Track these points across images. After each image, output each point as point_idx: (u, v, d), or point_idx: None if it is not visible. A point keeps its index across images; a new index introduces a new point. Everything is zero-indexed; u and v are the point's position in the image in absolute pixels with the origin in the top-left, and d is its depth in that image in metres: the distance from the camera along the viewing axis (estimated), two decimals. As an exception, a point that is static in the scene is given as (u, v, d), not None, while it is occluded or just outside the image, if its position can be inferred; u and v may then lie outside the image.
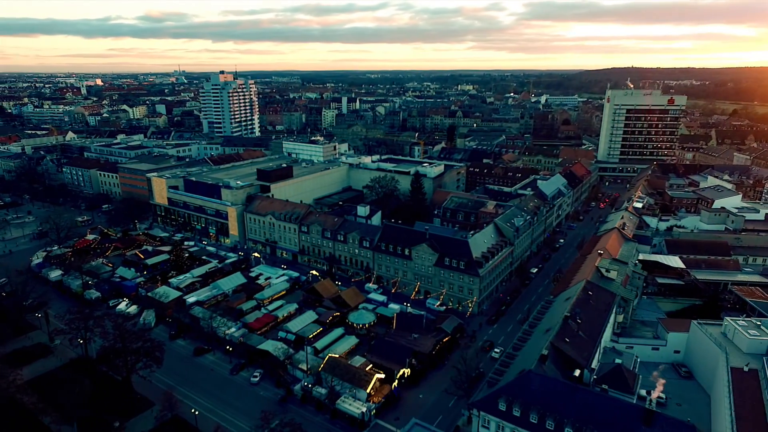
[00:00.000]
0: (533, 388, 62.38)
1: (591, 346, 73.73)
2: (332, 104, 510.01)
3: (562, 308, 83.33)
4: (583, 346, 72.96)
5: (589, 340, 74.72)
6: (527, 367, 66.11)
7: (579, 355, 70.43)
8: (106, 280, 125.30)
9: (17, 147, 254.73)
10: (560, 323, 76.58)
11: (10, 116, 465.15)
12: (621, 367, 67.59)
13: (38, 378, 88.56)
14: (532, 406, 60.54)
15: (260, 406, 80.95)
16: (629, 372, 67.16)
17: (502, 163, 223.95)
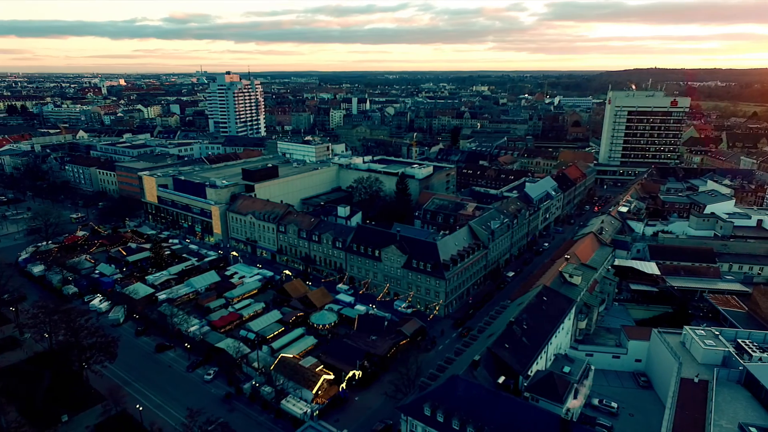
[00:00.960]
0: (458, 394, 61.56)
1: (532, 352, 72.32)
2: (342, 105, 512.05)
3: (513, 313, 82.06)
4: (523, 352, 71.65)
5: (532, 347, 73.31)
6: (460, 373, 65.31)
7: (516, 362, 69.22)
8: (85, 276, 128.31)
9: (27, 145, 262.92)
10: (503, 328, 75.48)
11: (31, 115, 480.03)
12: (553, 376, 66.09)
13: (1, 370, 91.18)
14: (455, 413, 59.74)
15: (207, 403, 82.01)
16: (561, 381, 65.58)
17: (497, 164, 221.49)
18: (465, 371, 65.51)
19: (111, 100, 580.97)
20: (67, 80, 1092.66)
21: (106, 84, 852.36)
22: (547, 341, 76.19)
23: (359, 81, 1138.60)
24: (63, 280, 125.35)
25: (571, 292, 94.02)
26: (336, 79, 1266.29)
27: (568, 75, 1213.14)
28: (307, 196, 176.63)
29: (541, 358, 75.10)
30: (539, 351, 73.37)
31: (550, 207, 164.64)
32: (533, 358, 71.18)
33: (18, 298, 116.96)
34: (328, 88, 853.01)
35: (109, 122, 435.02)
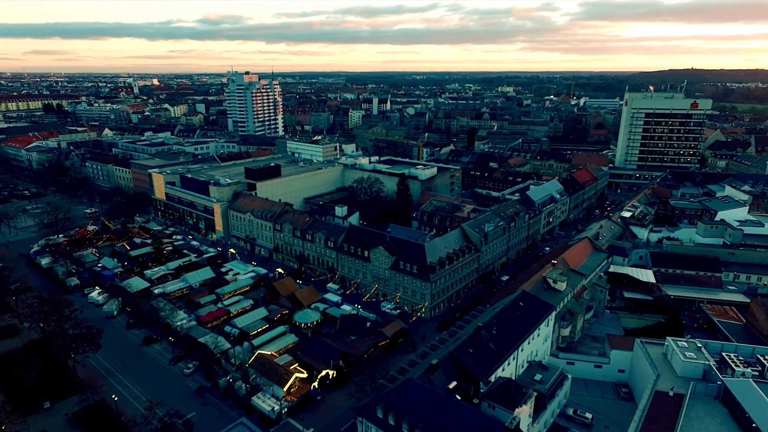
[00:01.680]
0: (411, 397, 61.14)
1: (498, 358, 71.07)
2: (363, 105, 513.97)
3: (486, 318, 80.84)
4: (488, 357, 70.50)
5: (498, 352, 72.05)
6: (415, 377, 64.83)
7: (478, 367, 68.18)
8: (89, 269, 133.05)
9: (54, 142, 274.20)
10: (470, 333, 74.53)
11: (65, 113, 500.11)
12: (510, 383, 64.70)
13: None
14: (406, 416, 59.34)
15: (183, 396, 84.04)
16: (518, 389, 64.15)
17: (507, 167, 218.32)
18: (421, 375, 65.00)
19: (141, 100, 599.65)
20: (104, 80, 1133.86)
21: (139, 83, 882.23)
22: (516, 347, 74.73)
23: (386, 81, 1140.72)
24: (67, 273, 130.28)
25: (553, 298, 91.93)
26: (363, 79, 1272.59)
27: (599, 76, 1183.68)
28: (310, 196, 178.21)
29: (508, 365, 73.75)
30: (505, 357, 72.04)
31: (554, 211, 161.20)
32: (497, 364, 69.94)
33: (24, 288, 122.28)
34: (353, 89, 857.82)
35: (136, 120, 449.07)
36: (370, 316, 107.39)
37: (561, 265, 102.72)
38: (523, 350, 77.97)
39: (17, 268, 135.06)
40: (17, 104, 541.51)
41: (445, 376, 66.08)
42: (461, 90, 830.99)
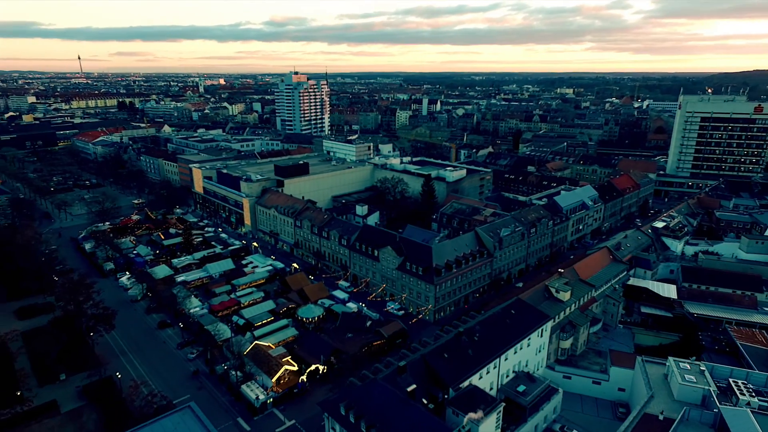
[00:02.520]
0: (373, 397, 61.24)
1: (474, 365, 69.34)
2: (412, 106, 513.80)
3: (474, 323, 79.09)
4: (463, 364, 68.99)
5: (476, 359, 70.30)
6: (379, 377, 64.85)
7: (450, 373, 66.92)
8: (125, 255, 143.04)
9: (117, 137, 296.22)
10: (449, 337, 73.35)
11: (136, 110, 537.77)
12: (474, 392, 63.05)
13: (32, 330, 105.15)
14: (365, 416, 59.58)
15: (183, 379, 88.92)
16: (484, 397, 62.32)
17: (545, 171, 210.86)
18: (388, 376, 64.91)
19: (204, 98, 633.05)
20: (176, 79, 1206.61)
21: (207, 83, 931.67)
22: (496, 356, 72.57)
23: (443, 82, 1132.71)
24: (106, 258, 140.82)
25: (553, 308, 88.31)
26: (420, 80, 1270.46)
27: (672, 77, 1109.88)
28: (338, 194, 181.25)
29: (488, 373, 71.75)
30: (482, 365, 70.15)
31: (584, 218, 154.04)
32: (471, 371, 68.28)
33: (66, 270, 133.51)
34: (408, 89, 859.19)
35: (196, 118, 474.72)
36: (373, 315, 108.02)
37: (569, 275, 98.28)
38: (508, 359, 75.56)
39: (65, 251, 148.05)
40: (96, 102, 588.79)
41: (413, 378, 65.53)
42: (518, 91, 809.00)
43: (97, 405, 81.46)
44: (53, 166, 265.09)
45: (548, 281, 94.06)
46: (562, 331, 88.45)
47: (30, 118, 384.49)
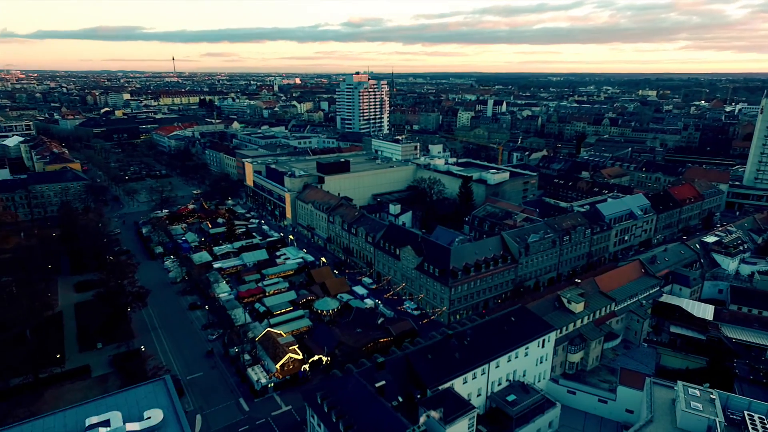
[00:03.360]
0: (347, 390, 62.76)
1: (458, 369, 68.50)
2: (477, 106, 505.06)
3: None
4: (446, 366, 68.38)
5: (461, 364, 69.36)
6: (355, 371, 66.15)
7: (430, 374, 66.63)
8: (175, 240, 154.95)
9: (189, 132, 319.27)
10: (438, 339, 72.93)
11: (212, 107, 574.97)
12: (448, 393, 62.25)
13: (83, 302, 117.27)
14: (337, 407, 61.27)
15: (198, 357, 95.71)
16: (458, 401, 61.39)
17: (599, 177, 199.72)
18: (366, 370, 66.03)
19: (276, 96, 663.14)
20: (256, 79, 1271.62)
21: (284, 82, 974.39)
22: (484, 362, 71.09)
23: (517, 83, 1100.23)
24: (157, 242, 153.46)
25: (561, 319, 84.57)
26: (494, 80, 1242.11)
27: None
28: (378, 192, 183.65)
29: (474, 378, 70.51)
30: (467, 370, 69.05)
31: (630, 228, 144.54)
32: (454, 375, 67.51)
33: (123, 251, 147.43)
34: (479, 90, 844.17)
35: (266, 115, 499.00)
36: (388, 313, 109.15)
37: (588, 286, 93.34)
38: (499, 367, 73.71)
39: (127, 234, 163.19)
40: (180, 99, 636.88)
41: (392, 376, 66.14)
42: (594, 93, 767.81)
43: (122, 373, 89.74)
44: (132, 156, 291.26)
45: (561, 291, 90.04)
46: (571, 344, 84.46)
47: (120, 113, 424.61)
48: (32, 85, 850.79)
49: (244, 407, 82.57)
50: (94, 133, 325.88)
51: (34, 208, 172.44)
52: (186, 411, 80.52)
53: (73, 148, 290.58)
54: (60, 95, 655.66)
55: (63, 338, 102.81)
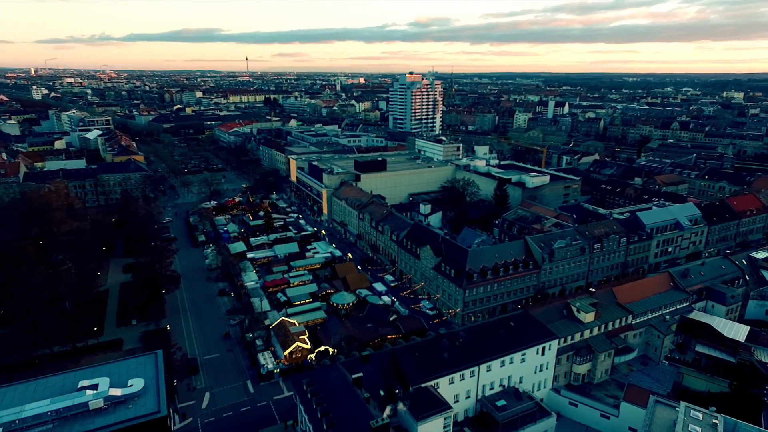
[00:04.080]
0: (330, 379, 64.98)
1: (444, 369, 68.42)
2: (537, 108, 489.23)
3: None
4: (433, 365, 68.55)
5: (448, 364, 69.20)
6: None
7: (415, 371, 67.09)
8: (216, 230, 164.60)
9: (248, 129, 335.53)
10: (430, 338, 73.16)
11: (275, 105, 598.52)
12: (424, 392, 62.29)
13: (128, 282, 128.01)
14: (318, 394, 63.62)
15: (217, 340, 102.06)
16: (434, 400, 61.32)
17: (652, 183, 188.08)
18: (352, 361, 67.78)
19: (336, 95, 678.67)
20: (322, 78, 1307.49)
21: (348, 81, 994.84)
22: (474, 364, 70.41)
23: (588, 84, 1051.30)
24: (202, 231, 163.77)
25: (567, 327, 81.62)
26: (563, 81, 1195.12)
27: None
28: (415, 192, 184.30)
29: (461, 380, 70.07)
30: (455, 370, 68.77)
31: (675, 239, 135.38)
32: (440, 374, 67.53)
33: (171, 238, 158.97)
34: (545, 91, 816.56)
35: (325, 114, 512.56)
36: (402, 310, 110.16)
37: (604, 296, 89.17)
38: (491, 371, 72.67)
39: (177, 222, 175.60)
40: (247, 97, 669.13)
41: (377, 370, 67.41)
42: (670, 95, 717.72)
43: (148, 348, 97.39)
44: (195, 151, 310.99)
45: (571, 299, 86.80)
46: (577, 355, 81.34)
47: (190, 110, 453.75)
48: (121, 83, 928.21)
49: (249, 389, 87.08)
50: (164, 129, 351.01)
51: (99, 195, 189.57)
52: (196, 388, 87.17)
53: (144, 142, 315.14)
54: (142, 93, 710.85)
55: (105, 313, 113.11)
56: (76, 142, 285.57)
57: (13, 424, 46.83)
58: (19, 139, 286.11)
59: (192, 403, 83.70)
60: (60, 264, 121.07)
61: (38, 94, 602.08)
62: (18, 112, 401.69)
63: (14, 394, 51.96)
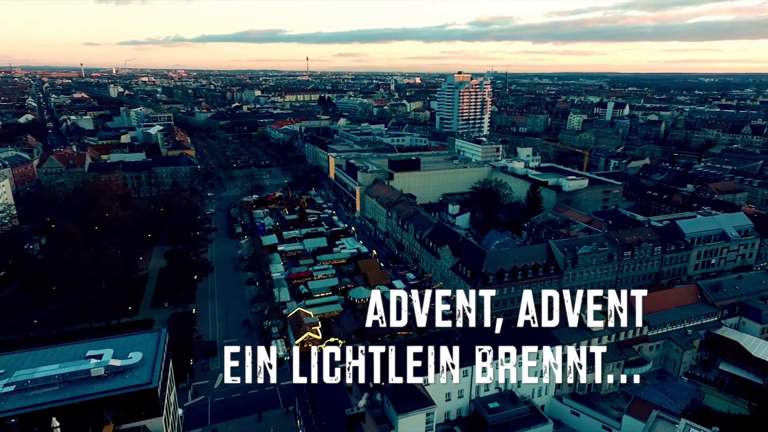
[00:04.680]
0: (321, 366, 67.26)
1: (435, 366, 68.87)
2: (594, 109, 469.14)
3: (466, 330, 77.17)
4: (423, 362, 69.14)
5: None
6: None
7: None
8: (253, 222, 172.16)
9: (297, 126, 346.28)
10: (425, 335, 73.64)
11: (329, 104, 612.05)
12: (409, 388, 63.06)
13: (166, 268, 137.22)
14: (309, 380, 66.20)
15: (238, 325, 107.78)
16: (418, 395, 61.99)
17: (705, 191, 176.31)
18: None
19: (389, 95, 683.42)
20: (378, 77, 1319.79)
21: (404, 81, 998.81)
22: (467, 364, 70.07)
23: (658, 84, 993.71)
24: (240, 223, 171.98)
25: (572, 334, 79.25)
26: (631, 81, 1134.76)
27: None
28: (449, 192, 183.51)
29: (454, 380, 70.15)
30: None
31: (719, 250, 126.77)
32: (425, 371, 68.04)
33: (211, 228, 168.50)
34: (607, 92, 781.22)
35: (375, 113, 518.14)
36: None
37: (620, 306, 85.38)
38: (486, 372, 72.02)
39: (219, 214, 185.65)
40: (303, 96, 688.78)
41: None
42: (750, 96, 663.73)
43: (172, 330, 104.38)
44: (246, 147, 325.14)
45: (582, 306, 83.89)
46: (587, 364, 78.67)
47: (246, 108, 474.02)
48: (189, 82, 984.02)
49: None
50: (220, 125, 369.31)
51: (152, 186, 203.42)
52: (210, 368, 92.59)
53: (200, 138, 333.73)
54: (206, 91, 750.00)
55: (142, 295, 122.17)
56: (140, 137, 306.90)
57: (25, 383, 52.64)
58: (92, 133, 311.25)
59: (206, 383, 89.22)
60: (107, 248, 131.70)
61: (114, 92, 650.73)
62: (94, 108, 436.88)
63: (33, 358, 58.19)
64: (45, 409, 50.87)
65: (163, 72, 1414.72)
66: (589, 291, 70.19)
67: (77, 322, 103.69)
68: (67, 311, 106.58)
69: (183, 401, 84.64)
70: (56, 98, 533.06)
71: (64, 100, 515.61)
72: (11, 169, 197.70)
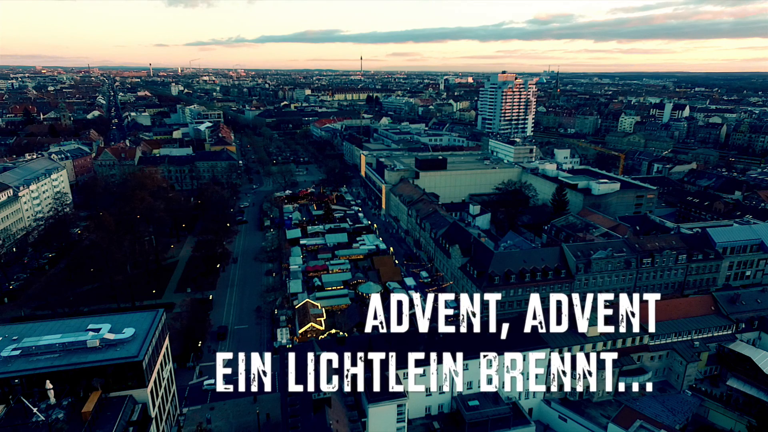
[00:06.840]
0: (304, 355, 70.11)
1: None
2: (651, 110, 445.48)
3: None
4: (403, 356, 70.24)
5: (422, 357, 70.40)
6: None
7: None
8: (282, 217, 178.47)
9: (338, 125, 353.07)
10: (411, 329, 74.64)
11: (376, 103, 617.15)
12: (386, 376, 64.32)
13: (195, 256, 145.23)
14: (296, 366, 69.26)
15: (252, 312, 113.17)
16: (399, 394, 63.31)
17: (754, 198, 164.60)
18: (328, 341, 72.15)
19: (437, 94, 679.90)
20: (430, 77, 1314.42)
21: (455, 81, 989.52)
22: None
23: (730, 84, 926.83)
24: (269, 216, 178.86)
25: (565, 339, 77.54)
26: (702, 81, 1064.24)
27: None
28: (476, 192, 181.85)
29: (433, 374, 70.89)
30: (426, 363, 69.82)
31: (756, 261, 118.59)
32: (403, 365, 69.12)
33: (243, 221, 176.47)
34: (672, 92, 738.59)
35: (420, 113, 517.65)
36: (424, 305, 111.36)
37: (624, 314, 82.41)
38: (468, 370, 72.30)
39: (252, 208, 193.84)
40: (351, 95, 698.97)
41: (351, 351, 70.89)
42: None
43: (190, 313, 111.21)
44: (288, 144, 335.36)
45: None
46: (574, 369, 76.88)
47: (293, 106, 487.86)
48: (246, 81, 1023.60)
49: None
50: (266, 123, 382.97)
51: (193, 179, 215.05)
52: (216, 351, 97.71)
53: (247, 135, 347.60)
54: (260, 90, 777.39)
55: (169, 280, 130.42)
56: (191, 133, 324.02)
57: (30, 349, 58.99)
58: (148, 128, 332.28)
59: (211, 364, 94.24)
60: (141, 236, 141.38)
61: (175, 90, 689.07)
62: (154, 106, 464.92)
63: (43, 328, 64.84)
64: (43, 373, 56.74)
65: (224, 71, 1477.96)
66: (599, 295, 66.59)
67: (107, 301, 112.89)
68: (99, 291, 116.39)
69: (189, 379, 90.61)
70: (123, 96, 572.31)
71: (129, 97, 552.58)
72: (72, 161, 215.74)
